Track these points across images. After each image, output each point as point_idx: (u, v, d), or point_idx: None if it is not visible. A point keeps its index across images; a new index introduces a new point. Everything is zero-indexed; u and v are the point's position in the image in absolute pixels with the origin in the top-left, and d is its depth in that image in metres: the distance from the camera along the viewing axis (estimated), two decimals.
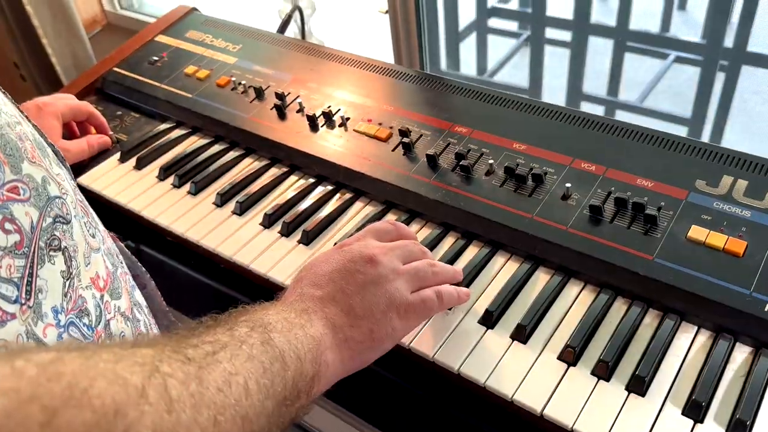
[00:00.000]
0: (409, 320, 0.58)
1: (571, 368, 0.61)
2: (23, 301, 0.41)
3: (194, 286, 0.83)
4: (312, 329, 0.51)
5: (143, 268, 0.67)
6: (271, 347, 0.46)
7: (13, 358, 0.30)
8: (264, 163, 0.91)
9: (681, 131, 1.75)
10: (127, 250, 0.65)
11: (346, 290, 0.56)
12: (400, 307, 0.57)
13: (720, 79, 1.67)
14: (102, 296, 0.50)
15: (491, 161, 0.80)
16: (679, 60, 1.95)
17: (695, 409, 0.56)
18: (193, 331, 0.44)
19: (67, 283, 0.46)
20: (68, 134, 0.97)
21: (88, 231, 0.50)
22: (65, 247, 0.46)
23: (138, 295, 0.59)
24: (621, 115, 1.88)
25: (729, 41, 1.63)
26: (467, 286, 0.70)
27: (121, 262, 0.58)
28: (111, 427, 0.30)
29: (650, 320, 0.65)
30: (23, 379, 0.29)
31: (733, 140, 1.77)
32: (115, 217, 0.88)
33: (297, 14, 1.32)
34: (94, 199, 0.90)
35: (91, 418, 0.29)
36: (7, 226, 0.41)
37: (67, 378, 0.30)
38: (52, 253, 0.45)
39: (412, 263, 0.61)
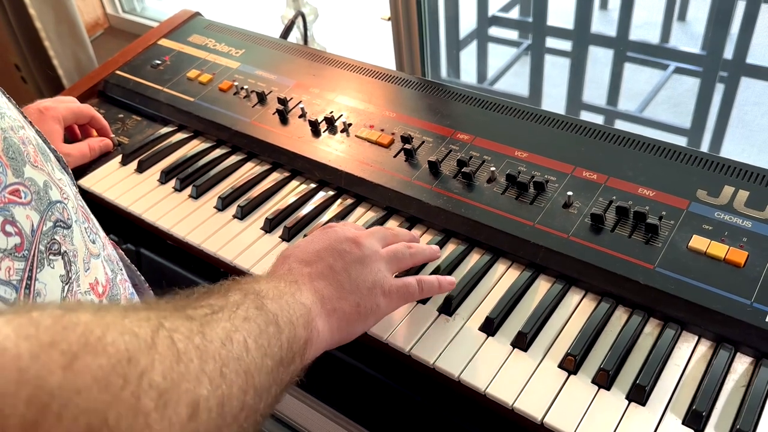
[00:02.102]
0: (392, 300, 0.61)
1: (572, 376, 0.61)
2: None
3: None
4: (302, 297, 0.53)
5: (142, 277, 0.67)
6: (265, 312, 0.47)
7: (28, 310, 0.31)
8: (266, 167, 0.91)
9: (680, 141, 1.75)
10: (126, 258, 0.65)
11: (334, 267, 0.58)
12: (383, 286, 0.60)
13: (719, 90, 1.68)
14: (101, 302, 0.50)
15: (493, 168, 0.80)
16: (678, 71, 1.96)
17: (696, 419, 0.56)
18: (188, 298, 0.45)
19: (66, 288, 0.46)
20: (70, 137, 0.97)
21: (88, 236, 0.50)
22: (65, 251, 0.46)
23: (137, 303, 0.59)
24: (620, 125, 1.89)
25: (728, 53, 1.63)
26: (468, 293, 0.70)
27: (121, 269, 0.58)
28: (126, 372, 0.31)
29: (651, 329, 0.65)
30: (41, 327, 0.30)
31: (731, 151, 1.78)
32: (116, 220, 0.88)
33: (300, 20, 1.32)
34: (95, 202, 0.90)
35: (107, 362, 0.31)
36: (8, 228, 0.41)
37: (81, 327, 0.31)
38: (51, 257, 0.44)
39: (390, 246, 0.65)
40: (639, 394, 0.59)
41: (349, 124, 0.92)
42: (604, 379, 0.60)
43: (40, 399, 0.28)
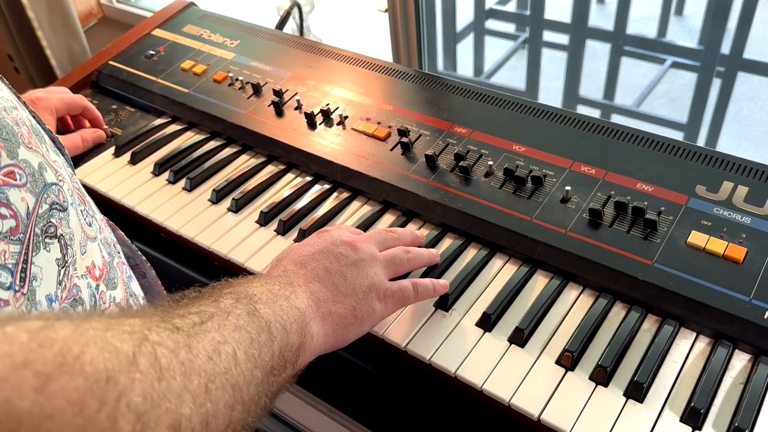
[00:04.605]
0: (387, 305, 0.60)
1: (569, 373, 0.61)
2: (17, 288, 0.41)
3: (188, 284, 0.82)
4: (296, 301, 0.52)
5: (143, 257, 0.66)
6: (257, 318, 0.46)
7: (3, 324, 0.30)
8: (261, 160, 0.90)
9: (676, 136, 1.75)
10: (126, 239, 0.64)
11: (329, 269, 0.57)
12: (379, 290, 0.59)
13: (716, 85, 1.67)
14: (97, 286, 0.49)
15: (490, 162, 0.79)
16: (675, 65, 1.95)
17: (694, 416, 0.56)
18: (178, 303, 0.44)
19: (62, 271, 0.45)
20: (62, 128, 0.96)
21: (84, 219, 0.50)
22: (61, 234, 0.45)
23: (135, 286, 0.59)
24: (617, 119, 1.88)
25: (726, 48, 1.63)
26: (464, 288, 0.70)
27: (118, 252, 0.57)
28: (103, 393, 0.30)
29: (649, 325, 0.64)
30: (15, 344, 0.29)
31: (728, 146, 1.78)
32: (109, 212, 0.87)
33: (296, 11, 1.31)
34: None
35: (83, 384, 0.29)
36: (3, 211, 0.41)
37: (58, 344, 0.30)
38: (47, 240, 0.44)
39: (388, 250, 0.64)
40: (637, 391, 0.58)
41: (346, 117, 0.91)
42: (602, 376, 0.60)
43: (6, 426, 0.26)
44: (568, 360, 0.61)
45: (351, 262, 0.59)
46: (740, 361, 0.60)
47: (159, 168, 0.90)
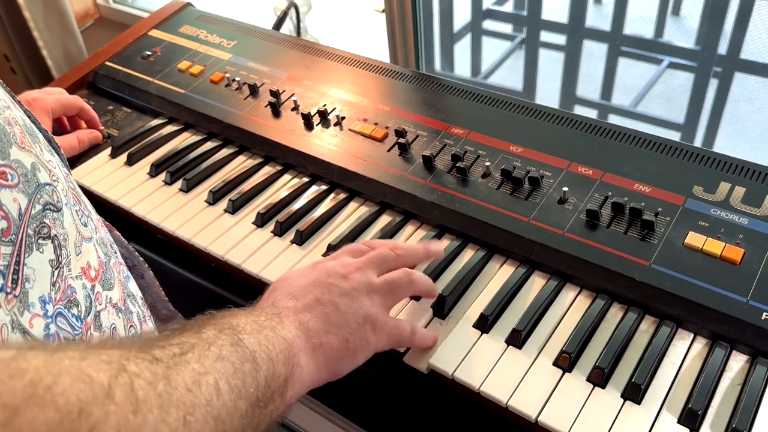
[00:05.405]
0: (381, 339, 0.58)
1: (567, 374, 0.61)
2: (9, 290, 0.40)
3: (185, 286, 0.82)
4: (283, 331, 0.50)
5: (140, 258, 0.66)
6: (241, 348, 0.44)
7: None
8: (258, 161, 0.90)
9: (673, 137, 1.75)
10: (123, 239, 0.64)
11: (321, 300, 0.55)
12: (376, 323, 0.57)
13: (713, 85, 1.68)
14: (93, 287, 0.49)
15: (488, 163, 0.79)
16: (672, 66, 1.96)
17: (691, 418, 0.56)
18: (160, 335, 0.43)
19: (56, 272, 0.44)
20: (59, 129, 0.96)
21: (79, 219, 0.49)
22: (55, 235, 0.45)
23: (132, 286, 0.58)
24: (614, 120, 1.88)
25: (722, 48, 1.63)
26: (463, 291, 0.69)
27: (115, 252, 0.57)
28: (75, 426, 0.29)
29: (646, 326, 0.64)
30: None
31: (725, 147, 1.78)
32: (105, 214, 0.86)
33: (292, 11, 1.30)
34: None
35: (54, 417, 0.28)
36: None
37: (29, 375, 0.29)
38: (40, 241, 0.43)
39: (387, 275, 0.61)
40: (634, 393, 0.58)
41: (343, 118, 0.91)
42: (599, 377, 0.59)
43: None
44: (566, 361, 0.61)
45: (344, 292, 0.56)
46: (738, 362, 0.60)
47: (155, 169, 0.90)
